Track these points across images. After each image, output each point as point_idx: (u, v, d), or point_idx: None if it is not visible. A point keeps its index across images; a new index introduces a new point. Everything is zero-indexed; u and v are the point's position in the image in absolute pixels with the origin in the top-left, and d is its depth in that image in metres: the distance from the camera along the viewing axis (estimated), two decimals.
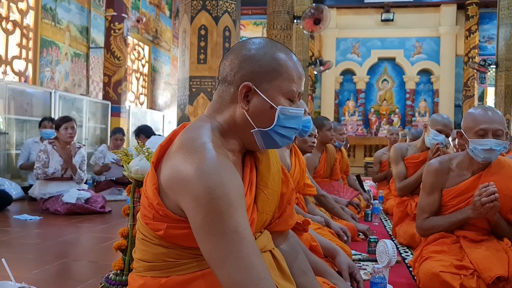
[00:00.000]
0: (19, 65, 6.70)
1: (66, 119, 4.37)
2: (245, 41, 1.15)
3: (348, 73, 13.47)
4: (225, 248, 0.94)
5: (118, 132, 5.89)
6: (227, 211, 0.95)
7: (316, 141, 3.02)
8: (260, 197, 1.15)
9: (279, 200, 1.24)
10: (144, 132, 5.65)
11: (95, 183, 5.66)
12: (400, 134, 5.89)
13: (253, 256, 0.95)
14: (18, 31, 6.65)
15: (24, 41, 6.77)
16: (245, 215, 1.00)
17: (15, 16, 6.59)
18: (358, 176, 5.26)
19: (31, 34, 6.87)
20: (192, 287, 1.05)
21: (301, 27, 8.28)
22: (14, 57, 6.59)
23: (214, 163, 0.98)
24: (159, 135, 6.72)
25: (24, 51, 6.78)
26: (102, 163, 5.56)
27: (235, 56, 1.12)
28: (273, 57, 1.10)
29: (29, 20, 6.87)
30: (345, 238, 2.55)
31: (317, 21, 7.38)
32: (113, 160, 5.42)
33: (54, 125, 4.67)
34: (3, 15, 6.39)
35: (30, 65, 6.86)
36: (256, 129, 1.10)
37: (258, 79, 1.09)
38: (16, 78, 6.60)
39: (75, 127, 4.39)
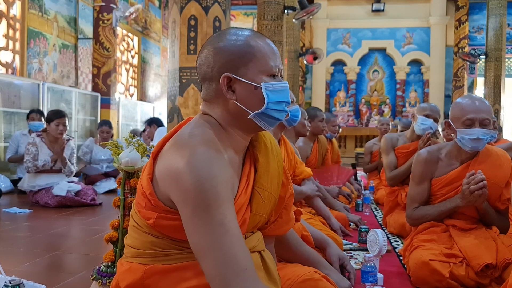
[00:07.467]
0: (6, 56, 6.59)
1: (59, 115, 4.31)
2: (213, 37, 1.17)
3: (339, 64, 13.47)
4: (210, 240, 0.97)
5: (104, 124, 5.84)
6: (214, 204, 0.97)
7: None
8: (255, 198, 1.16)
9: (276, 204, 1.25)
10: (156, 122, 5.68)
11: (85, 176, 5.62)
12: (390, 124, 5.92)
13: (236, 248, 0.97)
14: (4, 21, 6.53)
15: (11, 32, 6.66)
16: (232, 207, 1.02)
17: (1, 6, 6.47)
18: (353, 165, 5.30)
19: (17, 25, 6.75)
20: (176, 276, 1.07)
21: (294, 21, 8.28)
22: (0, 49, 6.48)
23: (204, 157, 1.00)
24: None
25: (11, 42, 6.66)
26: (90, 157, 5.59)
27: (207, 53, 1.14)
28: (243, 42, 1.12)
29: (16, 10, 6.74)
30: (341, 236, 2.63)
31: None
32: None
33: (44, 117, 4.62)
34: None
35: (17, 57, 6.75)
36: (253, 113, 1.11)
37: (235, 67, 1.10)
38: (3, 70, 6.50)
39: (67, 124, 4.35)
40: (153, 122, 5.67)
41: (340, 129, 7.02)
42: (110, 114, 7.94)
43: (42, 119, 5.11)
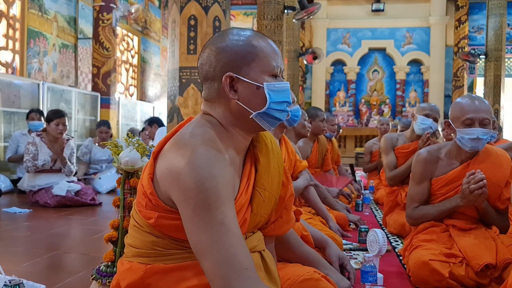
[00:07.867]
0: (5, 56, 6.58)
1: (59, 114, 4.30)
2: (215, 37, 1.17)
3: (338, 64, 13.46)
4: (211, 239, 0.97)
5: (103, 124, 5.83)
6: (215, 204, 0.97)
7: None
8: (256, 198, 1.16)
9: (277, 204, 1.25)
10: (157, 122, 5.67)
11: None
12: (390, 124, 5.92)
13: (237, 248, 0.97)
14: (4, 21, 6.53)
15: (11, 31, 6.65)
16: (233, 207, 1.02)
17: (1, 6, 6.47)
18: (351, 165, 5.30)
19: (17, 25, 6.75)
20: (176, 275, 1.07)
21: (294, 21, 8.27)
22: (0, 48, 6.48)
23: (205, 157, 1.00)
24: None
25: (10, 42, 6.66)
26: (89, 158, 5.60)
27: (209, 52, 1.14)
28: (245, 42, 1.13)
29: (16, 10, 6.74)
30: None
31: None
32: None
33: (44, 117, 4.62)
34: None
35: (17, 56, 6.75)
36: (254, 113, 1.11)
37: (237, 66, 1.11)
38: (3, 70, 6.50)
39: (67, 124, 4.34)
40: (154, 122, 5.67)
41: (341, 130, 7.03)
42: (110, 114, 7.94)
43: (42, 118, 5.11)
